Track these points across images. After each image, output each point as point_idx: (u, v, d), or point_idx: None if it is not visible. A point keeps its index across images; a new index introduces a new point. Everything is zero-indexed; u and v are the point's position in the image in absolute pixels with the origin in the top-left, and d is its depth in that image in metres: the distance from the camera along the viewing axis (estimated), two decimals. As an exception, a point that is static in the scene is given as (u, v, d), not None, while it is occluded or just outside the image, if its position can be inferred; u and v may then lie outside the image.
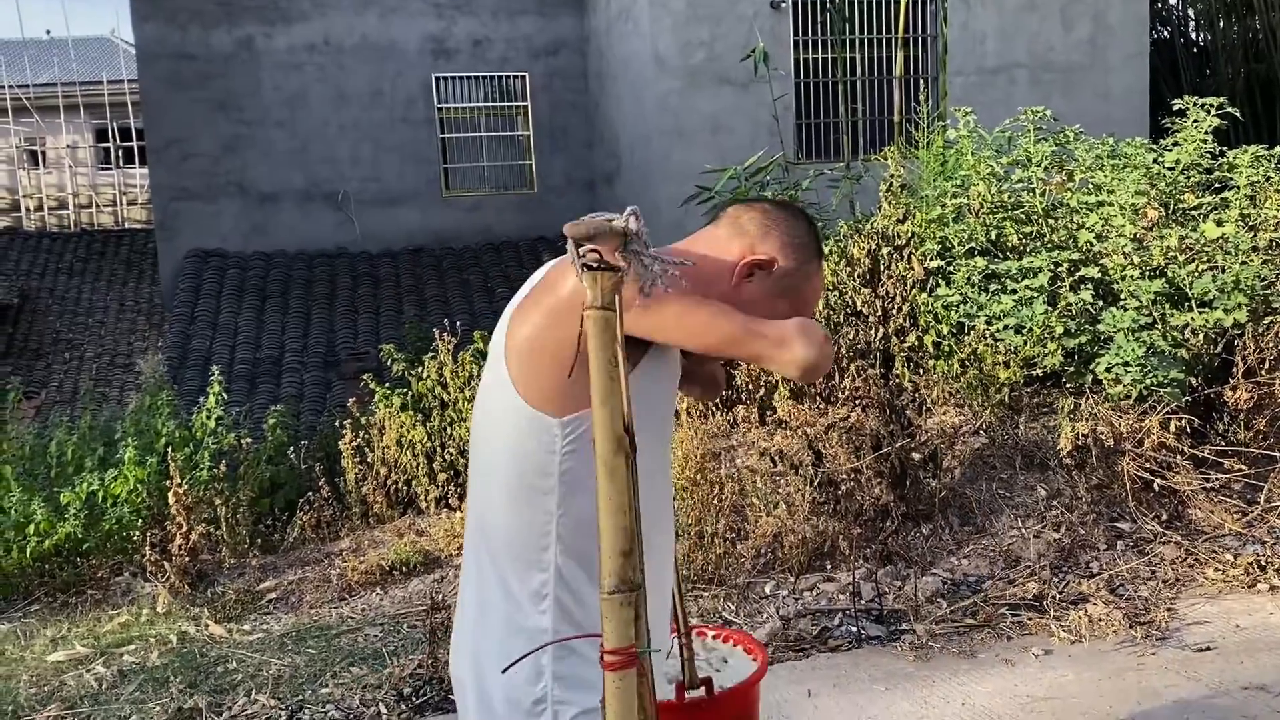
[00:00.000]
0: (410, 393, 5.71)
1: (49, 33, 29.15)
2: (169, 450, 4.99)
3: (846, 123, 10.39)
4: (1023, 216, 5.40)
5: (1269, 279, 4.67)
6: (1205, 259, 4.79)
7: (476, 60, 12.78)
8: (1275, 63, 11.95)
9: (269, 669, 3.77)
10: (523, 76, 12.91)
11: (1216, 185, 5.36)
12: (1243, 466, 4.36)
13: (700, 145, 10.07)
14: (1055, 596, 3.88)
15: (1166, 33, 13.40)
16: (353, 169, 12.50)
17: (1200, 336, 4.67)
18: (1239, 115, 5.65)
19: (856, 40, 10.53)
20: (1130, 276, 4.76)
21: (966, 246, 5.34)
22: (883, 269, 5.35)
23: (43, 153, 19.93)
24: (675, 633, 1.93)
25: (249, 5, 12.16)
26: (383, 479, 5.51)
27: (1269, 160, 5.14)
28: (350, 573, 4.62)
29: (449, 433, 5.52)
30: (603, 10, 11.99)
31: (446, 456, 5.44)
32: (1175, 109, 5.45)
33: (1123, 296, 4.74)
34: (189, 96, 11.98)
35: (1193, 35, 13.74)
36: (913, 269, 5.29)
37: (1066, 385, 5.05)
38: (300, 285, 11.69)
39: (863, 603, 3.92)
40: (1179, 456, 4.37)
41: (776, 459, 4.56)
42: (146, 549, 4.64)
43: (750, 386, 5.25)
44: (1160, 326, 4.62)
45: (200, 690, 3.62)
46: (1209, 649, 3.53)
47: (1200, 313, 4.58)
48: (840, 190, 7.12)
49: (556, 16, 12.90)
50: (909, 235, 5.39)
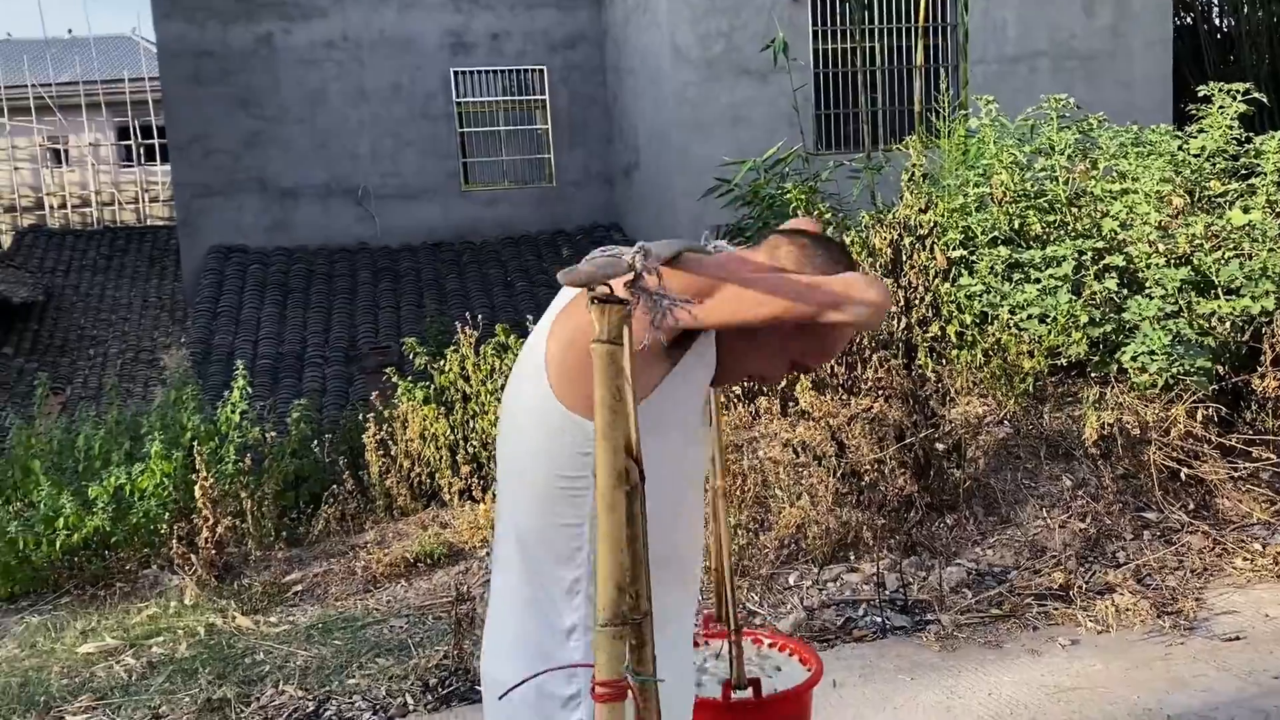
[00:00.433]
0: (433, 386, 5.74)
1: (70, 31, 29.47)
2: (194, 444, 5.03)
3: (866, 113, 10.34)
4: (1046, 205, 5.37)
5: (1297, 266, 4.63)
6: (1232, 246, 4.74)
7: (495, 54, 12.77)
8: (1301, 48, 11.81)
9: (296, 660, 3.80)
10: (541, 70, 12.90)
11: (1243, 172, 5.31)
12: (1271, 455, 4.32)
13: (719, 137, 10.04)
14: (1081, 586, 3.86)
15: (1190, 19, 13.25)
16: (372, 164, 12.52)
17: (1227, 324, 4.62)
18: (1265, 101, 5.59)
19: (876, 29, 10.46)
20: (1155, 264, 4.73)
21: (989, 236, 5.31)
22: (905, 259, 5.33)
23: (66, 151, 20.05)
24: (724, 634, 1.94)
25: (268, 2, 12.19)
26: (406, 472, 5.54)
27: (1296, 146, 5.08)
28: (375, 565, 4.65)
29: (472, 425, 5.53)
30: (620, 3, 11.97)
31: (469, 449, 5.46)
32: (1200, 95, 5.40)
33: (1148, 284, 4.70)
34: (210, 93, 12.03)
35: (1216, 21, 13.59)
36: (935, 259, 5.26)
37: (1091, 374, 5.02)
38: (321, 280, 11.74)
39: (887, 593, 3.91)
40: (1206, 445, 4.34)
41: (799, 450, 4.55)
42: (174, 542, 4.69)
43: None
44: (1186, 314, 4.58)
45: (229, 681, 3.65)
46: (1238, 639, 3.51)
47: (1227, 300, 4.54)
48: (861, 181, 7.08)
49: (574, 9, 12.88)
50: (931, 225, 5.36)
